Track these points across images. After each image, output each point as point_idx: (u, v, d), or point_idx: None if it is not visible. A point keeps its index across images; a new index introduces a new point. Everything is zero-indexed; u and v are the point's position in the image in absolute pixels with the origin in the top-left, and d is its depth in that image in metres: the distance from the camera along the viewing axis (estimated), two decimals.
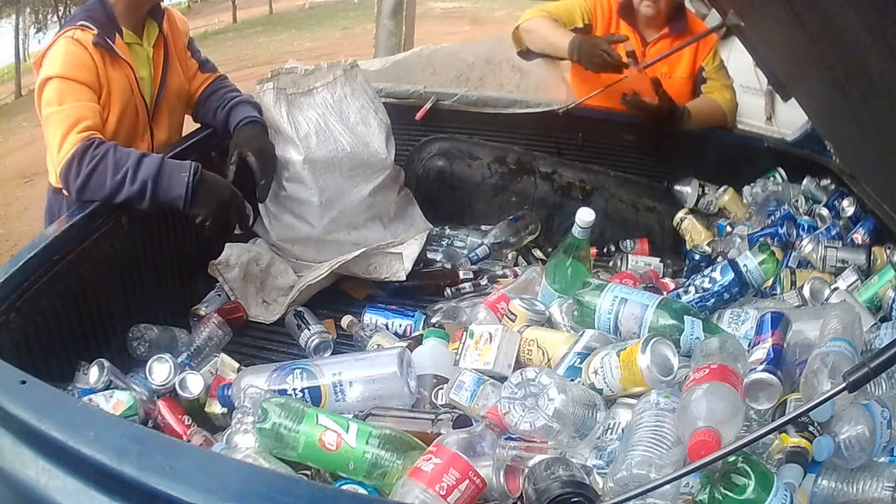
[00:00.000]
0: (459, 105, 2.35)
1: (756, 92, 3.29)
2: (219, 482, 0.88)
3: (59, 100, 1.57)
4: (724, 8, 1.96)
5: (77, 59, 1.61)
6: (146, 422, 1.31)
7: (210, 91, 1.94)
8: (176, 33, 1.87)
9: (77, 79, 1.59)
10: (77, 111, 1.56)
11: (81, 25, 1.64)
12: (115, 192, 1.51)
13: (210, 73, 1.96)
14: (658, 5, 2.24)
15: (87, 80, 1.61)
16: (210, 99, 1.93)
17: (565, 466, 1.00)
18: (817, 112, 1.94)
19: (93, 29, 1.64)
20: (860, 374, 0.86)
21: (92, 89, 1.61)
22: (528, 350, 1.34)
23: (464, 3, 12.47)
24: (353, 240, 1.96)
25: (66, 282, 1.43)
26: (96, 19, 1.66)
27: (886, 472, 0.99)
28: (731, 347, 1.11)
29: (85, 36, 1.63)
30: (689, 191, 2.27)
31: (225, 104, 1.89)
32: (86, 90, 1.60)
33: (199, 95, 1.95)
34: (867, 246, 1.76)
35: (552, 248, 1.99)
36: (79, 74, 1.60)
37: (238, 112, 1.87)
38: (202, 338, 1.62)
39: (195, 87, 1.94)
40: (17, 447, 0.97)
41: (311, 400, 1.25)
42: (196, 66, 1.94)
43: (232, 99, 1.90)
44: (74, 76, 1.59)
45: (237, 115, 1.86)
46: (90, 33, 1.63)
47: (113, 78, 1.66)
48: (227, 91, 1.95)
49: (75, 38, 1.63)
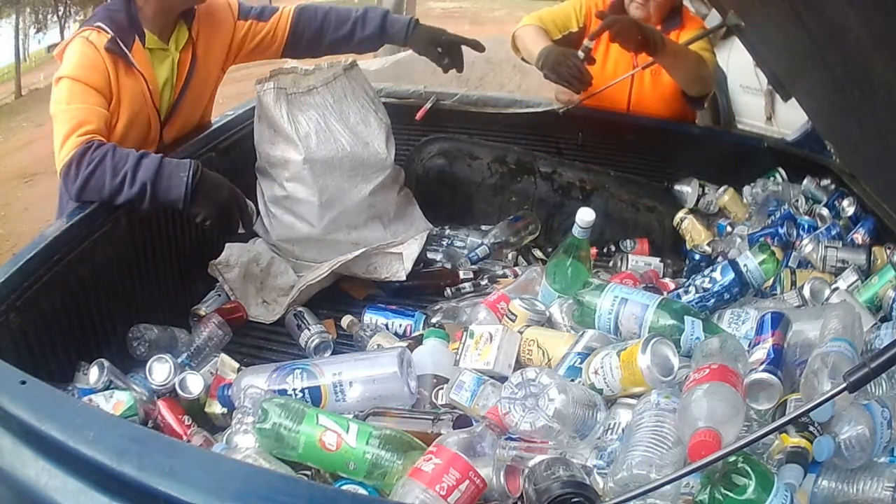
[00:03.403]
0: (459, 105, 2.35)
1: (756, 92, 3.29)
2: (219, 482, 0.89)
3: (68, 100, 1.57)
4: (724, 8, 1.96)
5: (89, 61, 1.60)
6: (146, 422, 1.31)
7: (298, 28, 1.94)
8: (212, 32, 1.84)
9: (86, 81, 1.58)
10: (82, 113, 1.55)
11: (98, 27, 1.62)
12: (115, 195, 1.51)
13: (271, 15, 1.93)
14: (647, 7, 2.23)
15: (97, 84, 1.59)
16: (308, 31, 1.94)
17: (565, 467, 1.00)
18: (817, 112, 1.94)
19: (108, 32, 1.62)
20: (860, 374, 0.86)
21: (101, 93, 1.60)
22: (528, 350, 1.34)
23: (464, 3, 12.47)
24: (353, 240, 1.96)
25: (66, 282, 1.43)
26: (116, 21, 1.64)
27: (886, 472, 0.99)
28: (731, 347, 1.11)
29: (100, 39, 1.61)
30: (689, 191, 2.27)
31: (341, 24, 1.94)
32: (94, 93, 1.59)
33: (288, 33, 1.94)
34: (867, 246, 1.76)
35: (552, 248, 1.99)
36: (88, 77, 1.59)
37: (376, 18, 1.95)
38: (202, 338, 1.61)
39: (279, 33, 1.93)
40: (17, 447, 0.97)
41: (311, 400, 1.25)
42: (260, 26, 1.92)
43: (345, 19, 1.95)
44: (84, 79, 1.58)
45: (391, 24, 1.95)
46: (105, 36, 1.61)
47: (124, 86, 1.65)
48: (317, 19, 1.95)
49: (90, 39, 1.61)
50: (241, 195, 1.65)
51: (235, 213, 1.63)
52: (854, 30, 1.10)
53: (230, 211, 1.62)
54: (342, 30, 1.98)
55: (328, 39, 1.99)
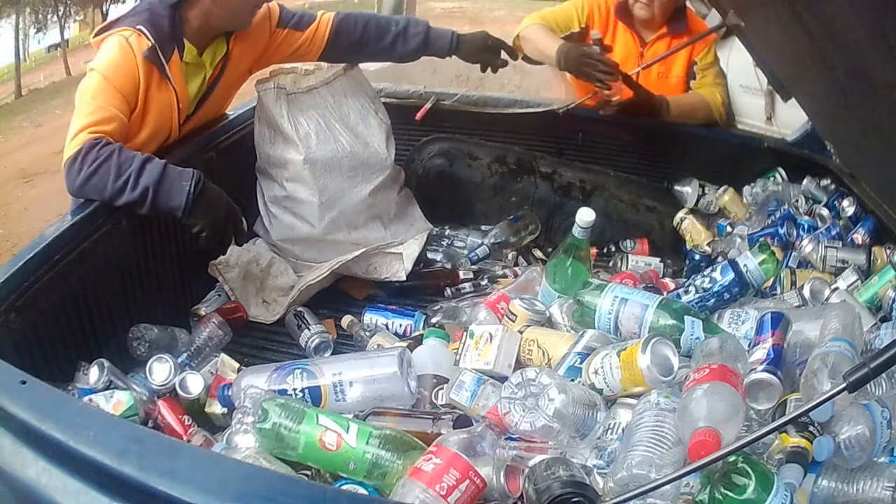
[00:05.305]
0: (459, 105, 2.35)
1: (756, 92, 3.28)
2: (219, 482, 0.89)
3: (93, 94, 1.56)
4: (724, 8, 1.96)
5: (123, 64, 1.58)
6: (146, 422, 1.31)
7: (338, 39, 1.93)
8: (249, 45, 1.82)
9: (115, 84, 1.57)
10: (101, 112, 1.54)
11: (140, 30, 1.60)
12: (116, 196, 1.50)
13: (308, 24, 1.91)
14: (652, 7, 2.24)
15: (125, 90, 1.58)
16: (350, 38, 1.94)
17: (565, 466, 1.00)
18: (817, 112, 1.94)
19: (150, 39, 1.59)
20: (860, 374, 0.86)
21: (126, 99, 1.58)
22: (528, 350, 1.34)
23: (464, 3, 12.45)
24: (353, 240, 1.96)
25: (66, 282, 1.43)
26: (159, 27, 1.62)
27: (886, 472, 0.99)
28: (731, 347, 1.11)
29: (139, 44, 1.59)
30: (689, 191, 2.27)
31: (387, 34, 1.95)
32: (119, 97, 1.57)
33: (326, 43, 1.92)
34: (867, 246, 1.76)
35: (552, 248, 1.99)
36: (118, 81, 1.57)
37: (418, 33, 1.97)
38: (202, 338, 1.61)
39: (316, 42, 1.92)
40: (17, 447, 0.97)
41: (311, 400, 1.25)
42: (297, 35, 1.90)
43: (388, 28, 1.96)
44: (114, 80, 1.57)
45: (435, 39, 1.99)
46: (145, 43, 1.59)
47: (154, 98, 1.63)
48: (357, 31, 1.94)
49: (129, 41, 1.59)
50: (237, 211, 1.64)
51: (230, 229, 1.63)
52: (854, 30, 1.11)
53: (226, 226, 1.61)
54: (382, 42, 1.97)
55: (368, 51, 1.99)
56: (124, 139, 1.57)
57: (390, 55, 2.02)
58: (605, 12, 2.35)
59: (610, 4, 2.34)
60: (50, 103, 7.84)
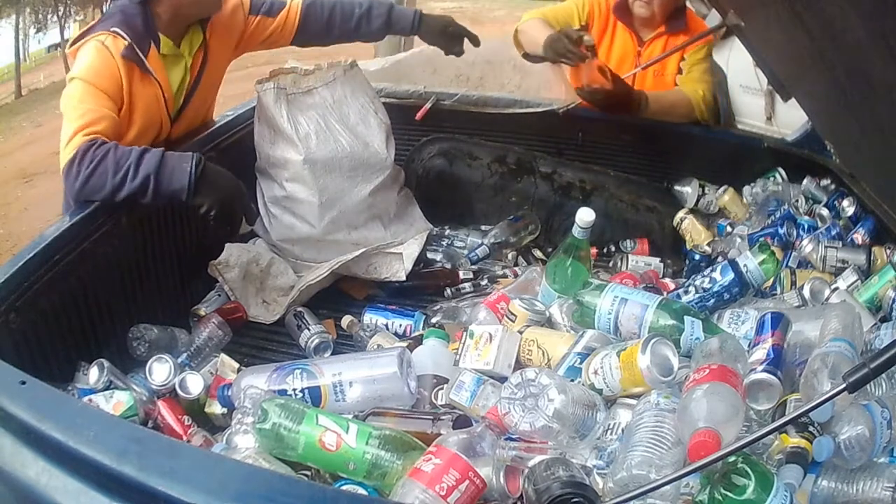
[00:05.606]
0: (459, 105, 2.35)
1: (756, 92, 3.29)
2: (219, 482, 0.89)
3: (79, 99, 1.57)
4: (724, 8, 1.96)
5: (103, 67, 1.59)
6: (146, 422, 1.31)
7: (307, 23, 1.98)
8: (224, 32, 1.85)
9: (98, 86, 1.58)
10: (90, 114, 1.55)
11: (114, 32, 1.61)
12: (117, 190, 1.50)
13: (279, 11, 1.96)
14: (651, 6, 2.24)
15: (108, 90, 1.59)
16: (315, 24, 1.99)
17: (565, 467, 1.00)
18: (817, 112, 1.94)
19: (125, 39, 1.61)
20: (860, 374, 0.86)
21: (112, 99, 1.59)
22: (528, 350, 1.34)
23: (464, 3, 12.46)
24: (353, 240, 1.96)
25: (66, 282, 1.43)
26: (132, 27, 1.63)
27: (886, 472, 0.99)
28: (731, 348, 1.11)
29: (116, 45, 1.60)
30: (689, 191, 2.27)
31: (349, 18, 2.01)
32: (105, 97, 1.58)
33: (297, 29, 1.98)
34: (867, 246, 1.76)
35: (552, 248, 1.99)
36: (101, 83, 1.58)
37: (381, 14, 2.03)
38: (202, 338, 1.61)
39: (287, 28, 1.98)
40: (17, 447, 0.97)
41: (311, 400, 1.25)
42: (269, 21, 1.95)
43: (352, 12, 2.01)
44: (96, 83, 1.58)
45: (397, 19, 2.05)
46: (122, 43, 1.60)
47: (138, 94, 1.64)
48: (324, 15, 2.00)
49: (105, 44, 1.60)
50: (242, 186, 1.64)
51: (239, 204, 1.62)
52: (854, 30, 1.11)
53: (234, 200, 1.60)
54: (348, 24, 2.04)
55: (335, 33, 2.05)
56: (117, 137, 1.58)
57: (356, 35, 2.08)
58: (605, 11, 2.35)
59: (610, 3, 2.34)
60: (50, 103, 7.86)
